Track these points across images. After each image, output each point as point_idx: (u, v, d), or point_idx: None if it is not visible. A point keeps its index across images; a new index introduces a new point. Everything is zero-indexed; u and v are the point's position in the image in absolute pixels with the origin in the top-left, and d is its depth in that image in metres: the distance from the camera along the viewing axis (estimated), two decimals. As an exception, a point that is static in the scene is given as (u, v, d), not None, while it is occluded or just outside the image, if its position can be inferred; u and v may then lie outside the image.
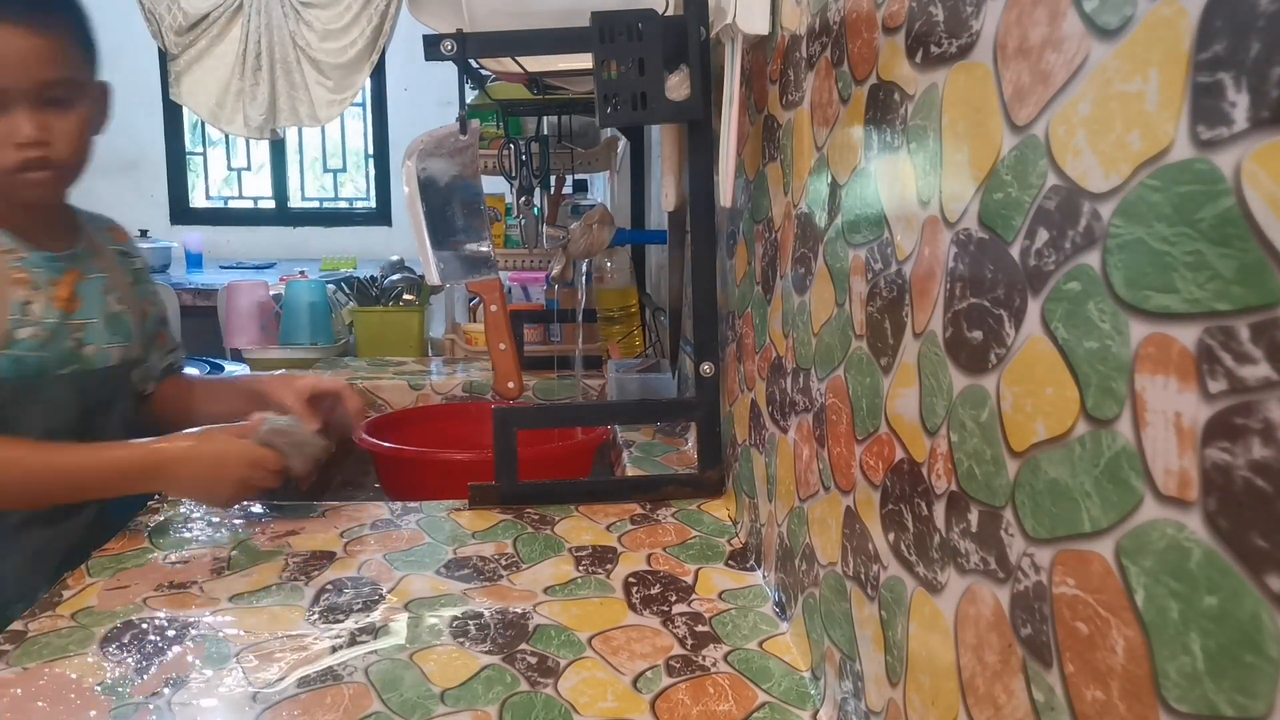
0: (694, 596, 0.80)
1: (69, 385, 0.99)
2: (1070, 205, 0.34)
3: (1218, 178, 0.27)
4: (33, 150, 0.91)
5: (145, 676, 0.66)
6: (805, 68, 0.71)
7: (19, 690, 0.65)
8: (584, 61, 1.05)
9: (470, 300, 2.28)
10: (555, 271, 1.39)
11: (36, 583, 0.90)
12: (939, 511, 0.46)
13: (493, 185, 1.80)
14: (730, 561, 0.88)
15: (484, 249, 1.12)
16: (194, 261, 4.06)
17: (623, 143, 1.91)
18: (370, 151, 4.68)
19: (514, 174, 1.87)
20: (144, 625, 0.74)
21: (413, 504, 1.02)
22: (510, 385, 1.15)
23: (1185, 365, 0.28)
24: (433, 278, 1.07)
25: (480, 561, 0.87)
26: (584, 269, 1.47)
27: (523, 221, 1.96)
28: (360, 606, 0.78)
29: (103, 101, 1.01)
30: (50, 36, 0.91)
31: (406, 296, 2.19)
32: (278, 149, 4.60)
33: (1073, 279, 0.34)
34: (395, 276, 2.29)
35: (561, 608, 0.78)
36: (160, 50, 3.87)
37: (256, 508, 1.02)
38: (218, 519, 0.98)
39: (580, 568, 0.86)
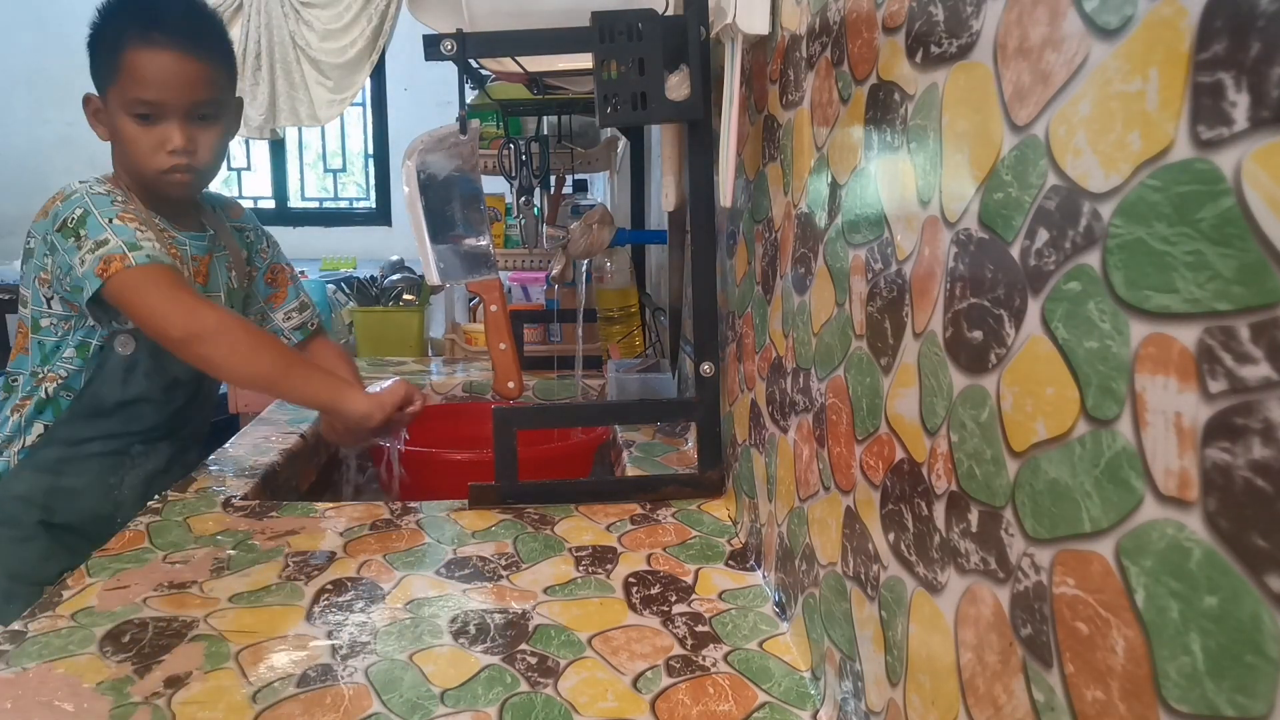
0: (694, 596, 0.80)
1: None
2: (1070, 205, 0.34)
3: (1218, 178, 0.27)
4: (180, 158, 1.07)
5: (145, 676, 0.66)
6: (805, 68, 0.71)
7: (19, 690, 0.65)
8: (584, 61, 1.05)
9: (470, 300, 2.28)
10: (555, 271, 1.39)
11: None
12: (939, 511, 0.46)
13: (493, 185, 1.80)
14: (730, 561, 0.88)
15: (484, 249, 1.12)
16: (194, 261, 4.05)
17: (623, 143, 1.91)
18: (370, 151, 4.68)
19: (514, 174, 1.87)
20: (144, 625, 0.74)
21: (413, 504, 1.02)
22: (510, 385, 1.15)
23: (1185, 365, 0.28)
24: (433, 278, 1.07)
25: (480, 561, 0.87)
26: (584, 269, 1.47)
27: (523, 221, 1.96)
28: (360, 606, 0.78)
29: (237, 113, 1.16)
30: (206, 62, 1.06)
31: (406, 296, 2.19)
32: (278, 149, 4.60)
33: (1073, 279, 0.34)
34: (395, 276, 2.30)
35: (561, 608, 0.78)
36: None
37: (256, 507, 1.02)
38: (217, 519, 0.98)
39: (580, 568, 0.86)
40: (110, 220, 1.02)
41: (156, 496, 1.05)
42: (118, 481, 1.14)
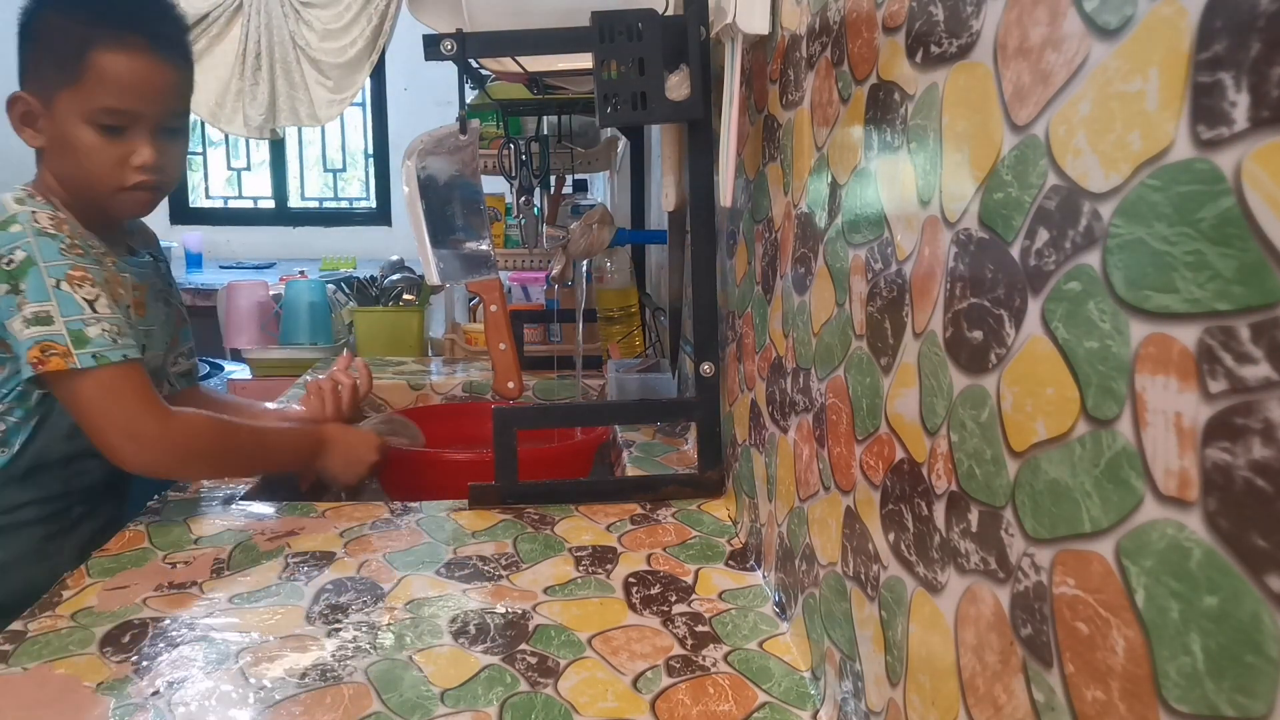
0: (694, 596, 0.80)
1: None
2: (1070, 205, 0.34)
3: (1218, 177, 0.27)
4: (149, 175, 0.97)
5: (145, 676, 0.66)
6: (805, 67, 0.71)
7: (19, 690, 0.65)
8: (584, 61, 1.05)
9: (470, 300, 2.28)
10: (555, 271, 1.39)
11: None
12: (939, 511, 0.46)
13: (493, 185, 1.80)
14: (730, 561, 0.88)
15: (484, 249, 1.12)
16: (194, 261, 4.06)
17: (623, 143, 1.91)
18: (370, 151, 4.68)
19: (514, 174, 1.87)
20: (144, 625, 0.74)
21: (413, 504, 1.02)
22: (510, 385, 1.15)
23: (1185, 365, 0.28)
24: (432, 278, 1.07)
25: (480, 561, 0.87)
26: (584, 269, 1.46)
27: (523, 221, 1.96)
28: (360, 606, 0.78)
29: (190, 131, 1.07)
30: (181, 69, 0.98)
31: (406, 296, 2.19)
32: (278, 149, 4.60)
33: (1073, 279, 0.34)
34: (395, 276, 2.30)
35: (561, 608, 0.78)
36: (160, 50, 3.86)
37: (256, 508, 1.02)
38: (217, 519, 0.98)
39: (580, 568, 0.86)
40: (57, 283, 0.88)
41: (155, 497, 1.05)
42: (56, 549, 0.98)
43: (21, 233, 0.89)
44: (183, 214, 4.59)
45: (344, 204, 4.77)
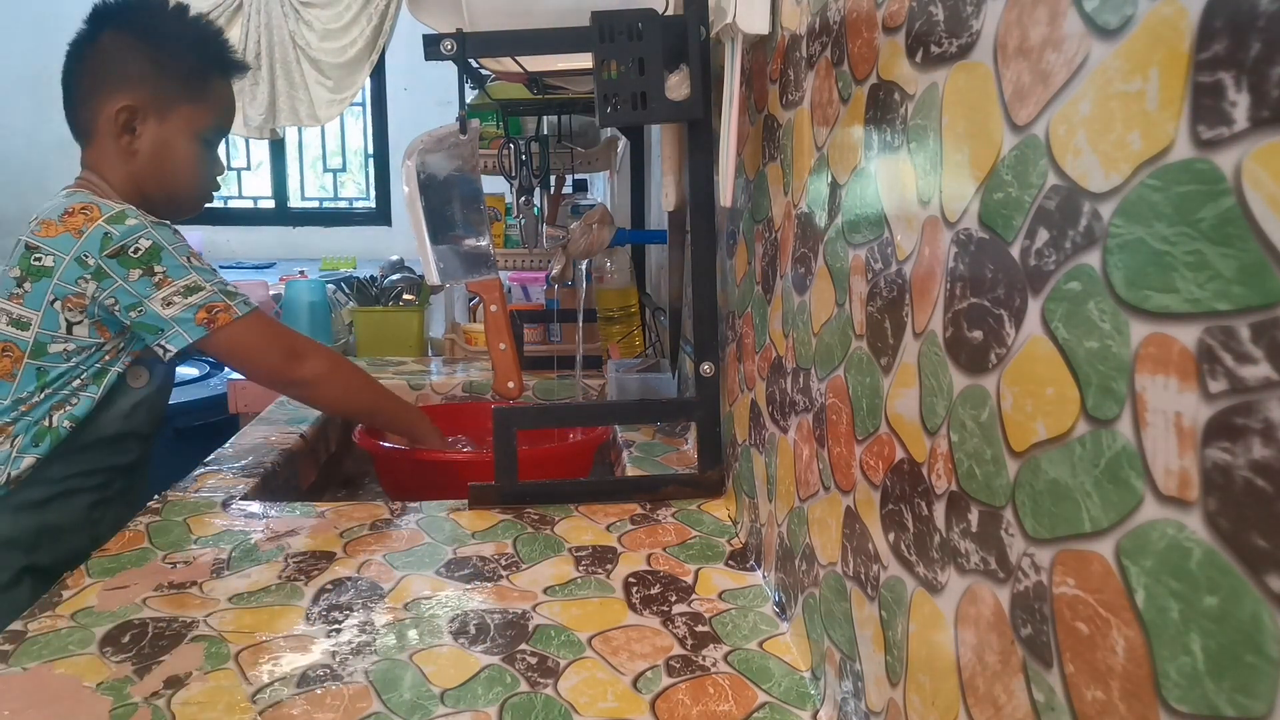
0: (694, 596, 0.80)
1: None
2: (1070, 205, 0.34)
3: (1218, 177, 0.27)
4: (219, 183, 1.18)
5: (145, 676, 0.66)
6: (805, 67, 0.71)
7: (19, 690, 0.65)
8: (584, 61, 1.05)
9: (470, 300, 2.28)
10: (555, 271, 1.39)
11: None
12: (939, 511, 0.46)
13: (493, 185, 1.80)
14: (730, 561, 0.88)
15: (484, 249, 1.12)
16: (194, 261, 4.05)
17: (623, 143, 1.91)
18: (370, 151, 4.68)
19: (514, 174, 1.87)
20: (144, 625, 0.74)
21: (413, 504, 1.02)
22: (510, 385, 1.15)
23: (1185, 365, 0.28)
24: (432, 277, 1.07)
25: (480, 561, 0.87)
26: (584, 269, 1.46)
27: (523, 221, 1.96)
28: (360, 606, 0.78)
29: None
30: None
31: (406, 296, 2.19)
32: (277, 149, 4.60)
33: (1073, 279, 0.34)
34: (395, 276, 2.29)
35: (561, 608, 0.78)
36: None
37: (256, 507, 1.02)
38: (217, 519, 0.98)
39: (580, 568, 0.86)
40: (188, 259, 1.02)
41: (155, 497, 1.05)
42: (99, 518, 1.08)
43: (140, 224, 1.00)
44: (183, 214, 4.58)
45: (344, 204, 4.77)
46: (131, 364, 1.06)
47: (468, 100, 1.34)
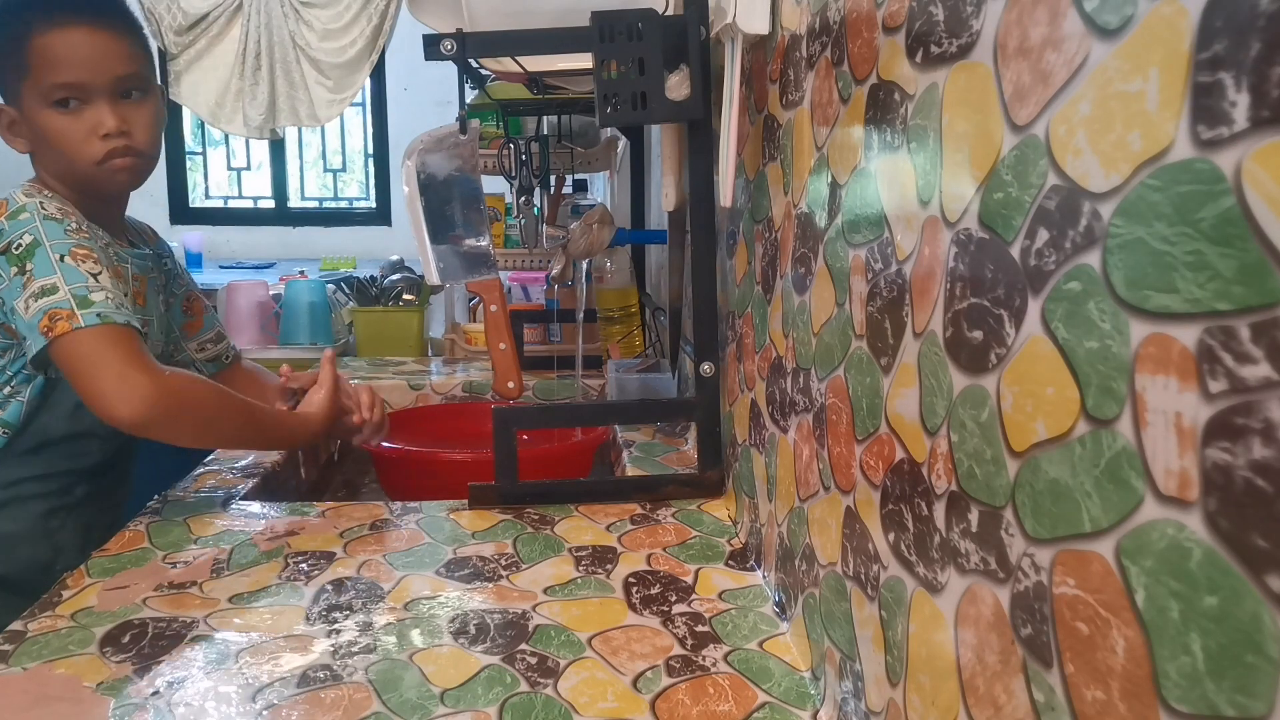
0: (694, 596, 0.80)
1: None
2: (1070, 205, 0.34)
3: (1218, 177, 0.27)
4: (117, 140, 0.97)
5: (145, 676, 0.66)
6: (805, 67, 0.71)
7: (19, 690, 0.65)
8: (584, 61, 1.05)
9: (470, 300, 2.28)
10: (555, 271, 1.39)
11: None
12: (939, 511, 0.46)
13: (493, 185, 1.80)
14: (730, 561, 0.88)
15: (484, 249, 1.12)
16: (194, 261, 4.06)
17: (623, 143, 1.91)
18: (370, 151, 4.68)
19: (514, 174, 1.87)
20: (144, 625, 0.74)
21: (413, 504, 1.02)
22: (510, 385, 1.15)
23: (1185, 365, 0.28)
24: (432, 277, 1.07)
25: (480, 561, 0.87)
26: (584, 269, 1.46)
27: (523, 221, 1.96)
28: (360, 606, 0.78)
29: (163, 102, 1.07)
30: (122, 35, 0.99)
31: (406, 296, 2.19)
32: (277, 149, 4.60)
33: (1073, 279, 0.34)
34: (395, 276, 2.30)
35: (561, 608, 0.78)
36: (160, 50, 3.86)
37: (256, 507, 1.02)
38: (217, 519, 0.98)
39: (580, 568, 0.86)
40: (61, 257, 0.90)
41: (155, 497, 1.05)
42: (59, 525, 1.02)
43: (30, 219, 0.92)
44: (183, 214, 4.59)
45: (344, 204, 4.77)
46: None
47: (468, 100, 1.34)
